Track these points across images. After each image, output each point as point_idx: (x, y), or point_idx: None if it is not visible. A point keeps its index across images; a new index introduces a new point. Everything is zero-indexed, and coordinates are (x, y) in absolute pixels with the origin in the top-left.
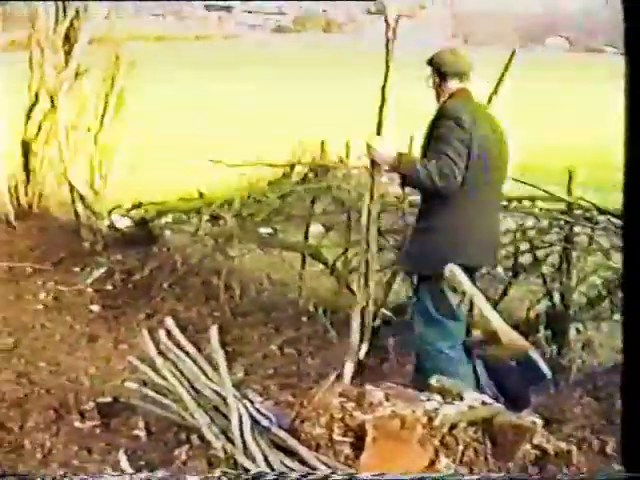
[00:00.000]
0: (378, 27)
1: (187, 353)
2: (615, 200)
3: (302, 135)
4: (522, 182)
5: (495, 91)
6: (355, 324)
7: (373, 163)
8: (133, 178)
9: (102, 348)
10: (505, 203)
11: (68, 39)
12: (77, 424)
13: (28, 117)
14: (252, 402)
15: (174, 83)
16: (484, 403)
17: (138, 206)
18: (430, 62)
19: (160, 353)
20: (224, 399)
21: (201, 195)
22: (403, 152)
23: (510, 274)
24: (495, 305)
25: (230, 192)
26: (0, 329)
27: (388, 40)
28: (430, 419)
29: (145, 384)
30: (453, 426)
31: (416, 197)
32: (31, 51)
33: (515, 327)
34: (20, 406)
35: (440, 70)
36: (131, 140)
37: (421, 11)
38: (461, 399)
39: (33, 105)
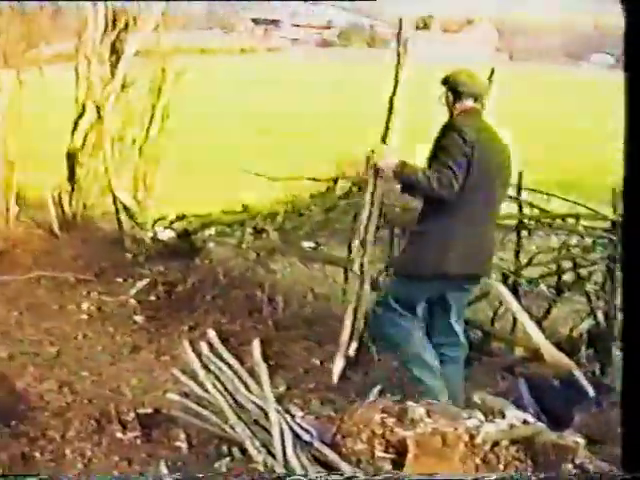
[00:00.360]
0: (424, 42)
1: (229, 366)
2: None
3: (346, 149)
4: (566, 200)
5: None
6: (348, 322)
7: (377, 170)
8: (177, 190)
9: (144, 359)
10: (549, 221)
11: (115, 51)
12: (118, 434)
13: (74, 128)
14: (293, 416)
15: (219, 95)
16: (526, 422)
17: (182, 218)
18: (445, 81)
19: (202, 365)
20: (265, 412)
21: (245, 208)
22: (406, 161)
23: (554, 292)
24: (538, 323)
25: (273, 205)
26: (43, 338)
27: (399, 55)
28: (472, 437)
29: (187, 396)
30: (495, 444)
31: None
32: (78, 62)
33: (558, 346)
34: (62, 415)
35: (456, 90)
36: (176, 152)
37: (468, 26)
38: (503, 417)
39: (79, 116)
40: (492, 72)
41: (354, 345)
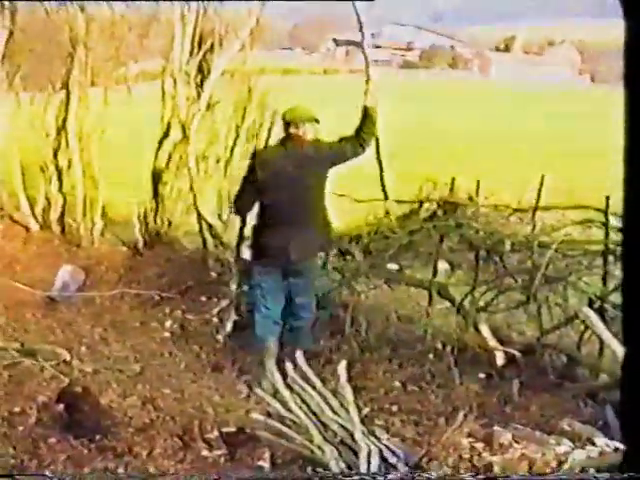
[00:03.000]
0: (505, 62)
1: (313, 386)
2: None
3: (432, 171)
4: None
5: None
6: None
7: None
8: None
9: (226, 378)
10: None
11: (201, 71)
12: (204, 452)
13: (159, 146)
14: (379, 439)
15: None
16: (616, 450)
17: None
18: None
19: (286, 385)
20: (351, 434)
21: None
22: None
23: None
24: None
25: (359, 227)
26: (127, 355)
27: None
28: (560, 463)
29: (270, 415)
30: (582, 470)
31: (546, 238)
32: (163, 82)
33: None
34: (146, 431)
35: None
36: None
37: (549, 48)
38: (593, 444)
39: (165, 135)
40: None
41: None
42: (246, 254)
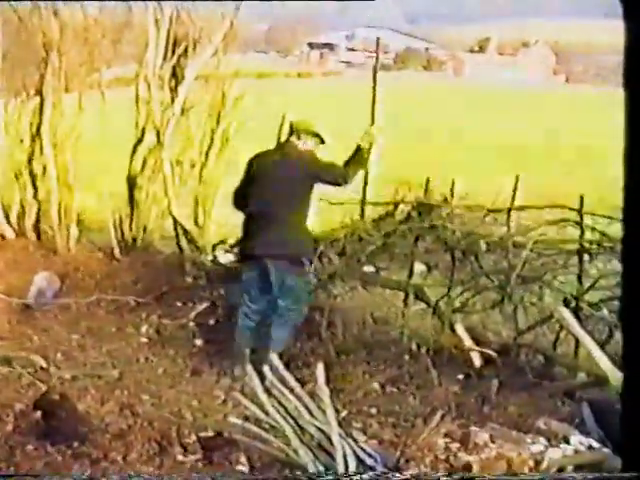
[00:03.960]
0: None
1: (291, 389)
2: None
3: (406, 173)
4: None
5: None
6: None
7: None
8: (236, 213)
9: (204, 382)
10: (611, 245)
11: (175, 76)
12: (180, 457)
13: (134, 152)
14: (356, 441)
15: (276, 119)
16: (591, 447)
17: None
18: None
19: (264, 389)
20: (328, 437)
21: None
22: None
23: (615, 317)
24: (602, 347)
25: (334, 230)
26: (104, 361)
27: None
28: (537, 462)
29: (247, 419)
30: (560, 469)
31: (521, 238)
32: (138, 87)
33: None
34: (123, 437)
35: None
36: (235, 175)
37: (523, 49)
38: (567, 442)
39: (139, 140)
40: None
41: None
42: (222, 258)
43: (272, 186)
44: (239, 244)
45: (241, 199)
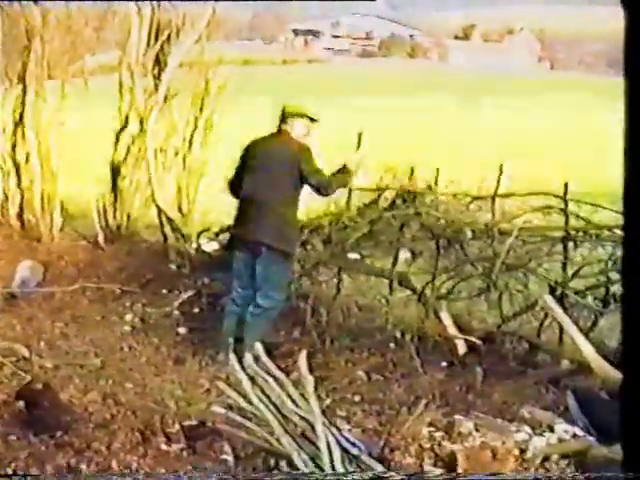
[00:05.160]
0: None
1: (275, 378)
2: None
3: (391, 161)
4: (612, 210)
5: None
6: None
7: None
8: (221, 201)
9: (188, 371)
10: (596, 232)
11: (158, 63)
12: (163, 446)
13: (117, 140)
14: (340, 430)
15: (261, 107)
16: (575, 436)
17: (226, 229)
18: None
19: (248, 377)
20: (312, 426)
21: None
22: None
23: (600, 304)
24: (586, 335)
25: (319, 217)
26: (87, 350)
27: None
28: (522, 451)
29: (231, 408)
30: (545, 458)
31: (506, 225)
32: (121, 74)
33: (606, 358)
34: (107, 427)
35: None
36: (219, 163)
37: (509, 36)
38: (551, 431)
39: (123, 128)
40: None
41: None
42: (207, 246)
43: (266, 173)
44: (232, 229)
45: (237, 185)
